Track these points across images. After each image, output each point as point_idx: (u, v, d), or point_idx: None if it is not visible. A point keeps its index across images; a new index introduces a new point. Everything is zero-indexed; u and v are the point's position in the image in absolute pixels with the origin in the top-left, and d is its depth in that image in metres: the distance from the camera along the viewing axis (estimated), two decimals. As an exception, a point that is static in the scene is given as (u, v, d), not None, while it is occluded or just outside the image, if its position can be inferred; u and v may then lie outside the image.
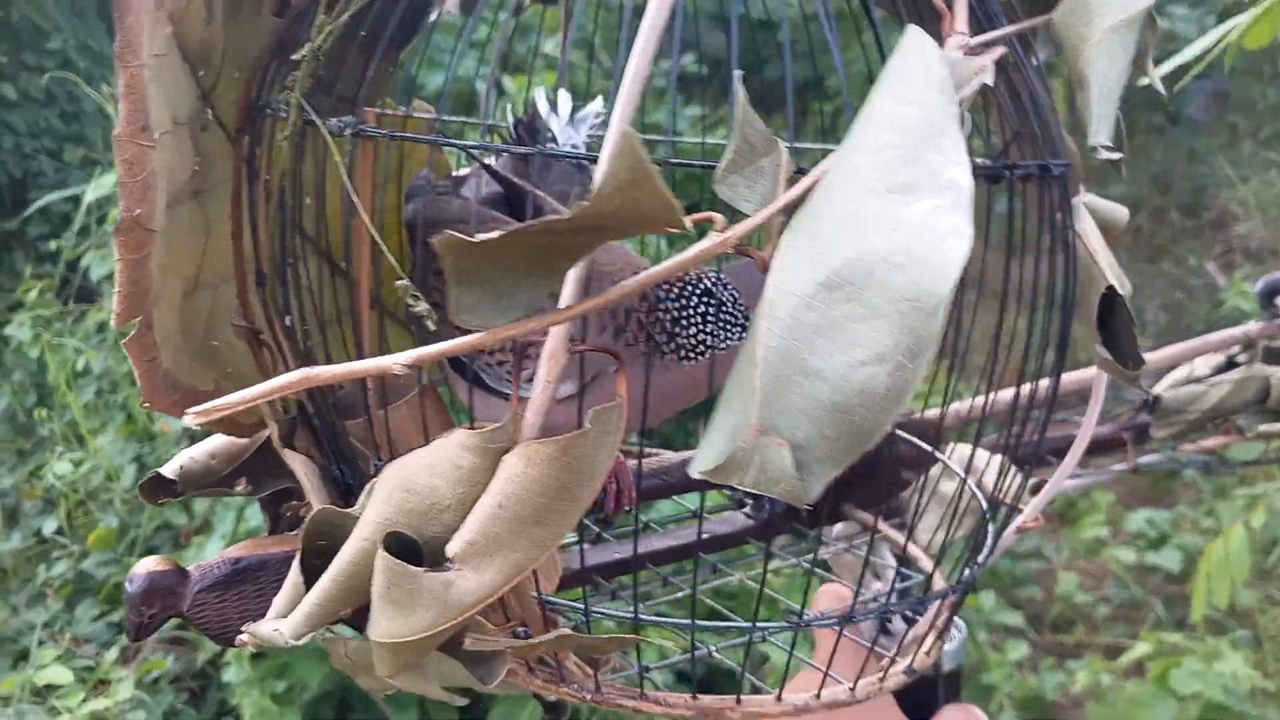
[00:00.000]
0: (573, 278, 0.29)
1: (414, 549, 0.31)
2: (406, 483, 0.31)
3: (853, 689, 0.41)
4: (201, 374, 0.45)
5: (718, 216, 0.27)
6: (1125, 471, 0.72)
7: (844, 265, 0.24)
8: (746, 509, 0.57)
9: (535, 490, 0.29)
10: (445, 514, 0.30)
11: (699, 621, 0.39)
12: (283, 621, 0.33)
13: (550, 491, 0.29)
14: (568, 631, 0.33)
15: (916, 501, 0.51)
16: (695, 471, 0.25)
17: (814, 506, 0.56)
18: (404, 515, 0.31)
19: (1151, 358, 0.77)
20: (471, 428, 0.31)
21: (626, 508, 0.49)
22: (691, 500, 0.61)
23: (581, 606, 0.38)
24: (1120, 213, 0.44)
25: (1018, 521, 0.44)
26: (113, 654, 1.61)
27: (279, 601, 0.34)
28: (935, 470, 0.53)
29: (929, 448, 0.53)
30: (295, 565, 0.34)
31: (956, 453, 0.55)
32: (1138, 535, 2.39)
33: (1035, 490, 0.46)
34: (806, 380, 0.24)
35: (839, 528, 0.62)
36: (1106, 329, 0.39)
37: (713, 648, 0.43)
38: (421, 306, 0.32)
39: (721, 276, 0.42)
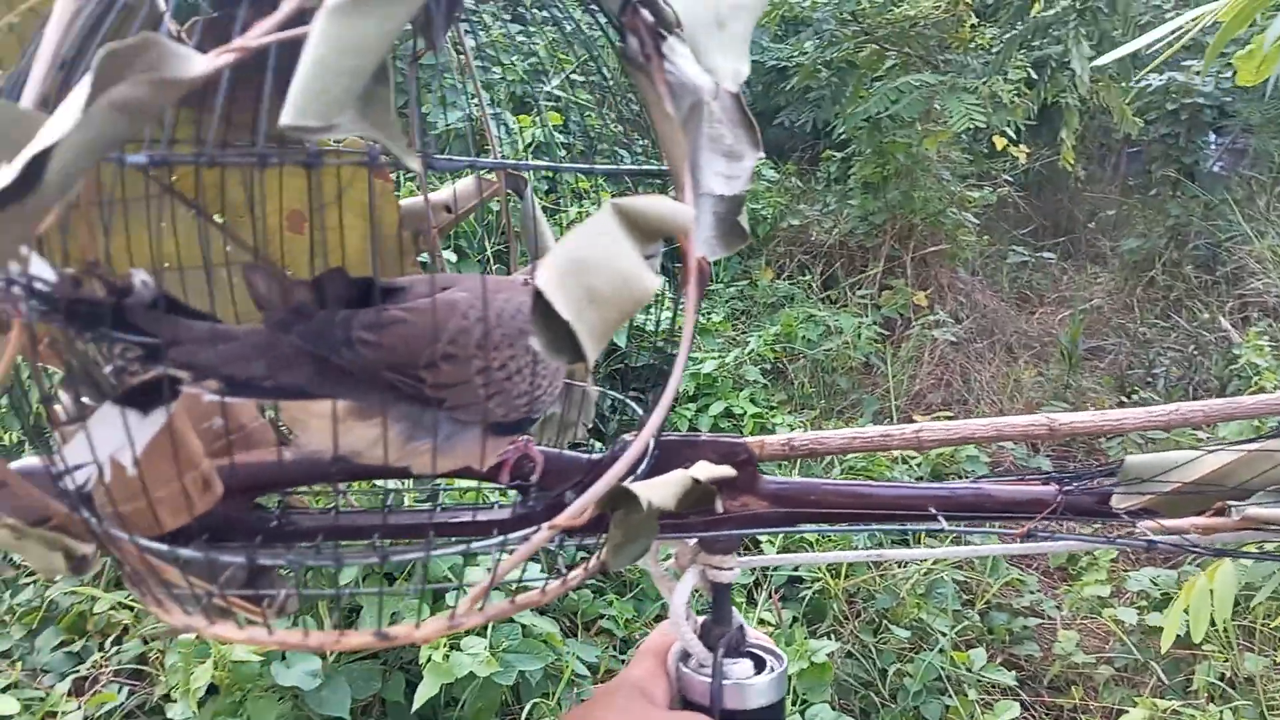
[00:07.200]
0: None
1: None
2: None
3: (453, 614, 0.44)
4: None
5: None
6: (1016, 538, 0.59)
7: None
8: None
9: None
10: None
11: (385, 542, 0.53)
12: None
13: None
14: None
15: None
16: None
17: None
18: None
19: (1171, 413, 0.65)
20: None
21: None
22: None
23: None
24: (678, 214, 0.42)
25: (557, 519, 0.42)
26: (64, 685, 1.55)
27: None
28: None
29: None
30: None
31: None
32: (1141, 594, 2.29)
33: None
34: None
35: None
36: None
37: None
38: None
39: None
